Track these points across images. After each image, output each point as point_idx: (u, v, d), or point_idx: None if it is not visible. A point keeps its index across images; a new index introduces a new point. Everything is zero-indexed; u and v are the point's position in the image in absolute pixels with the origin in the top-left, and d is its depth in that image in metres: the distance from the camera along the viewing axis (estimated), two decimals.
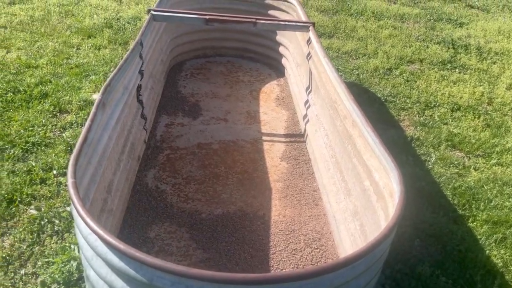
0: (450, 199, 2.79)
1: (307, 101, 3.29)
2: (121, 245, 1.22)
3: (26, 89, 3.46)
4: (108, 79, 2.13)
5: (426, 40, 5.45)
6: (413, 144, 3.33)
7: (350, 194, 2.24)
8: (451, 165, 3.12)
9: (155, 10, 3.22)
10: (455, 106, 3.92)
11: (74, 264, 2.03)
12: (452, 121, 3.71)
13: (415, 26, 5.94)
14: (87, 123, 1.78)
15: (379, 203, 1.87)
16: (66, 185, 2.54)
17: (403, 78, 4.37)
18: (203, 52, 4.41)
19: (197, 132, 3.21)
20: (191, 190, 2.63)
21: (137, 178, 2.64)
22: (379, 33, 5.50)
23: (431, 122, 3.64)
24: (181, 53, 4.21)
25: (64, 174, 2.62)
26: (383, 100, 3.93)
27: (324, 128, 2.81)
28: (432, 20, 6.22)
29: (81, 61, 4.05)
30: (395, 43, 5.22)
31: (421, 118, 3.70)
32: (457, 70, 4.70)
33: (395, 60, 4.74)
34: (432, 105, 3.91)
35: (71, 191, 1.40)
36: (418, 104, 3.91)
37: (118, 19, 5.17)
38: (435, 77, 4.45)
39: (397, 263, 2.26)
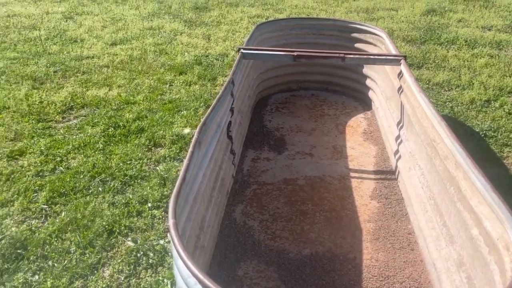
0: None
1: (398, 136, 3.14)
2: None
3: (125, 124, 3.72)
4: (203, 119, 2.21)
5: None
6: None
7: (454, 242, 2.05)
8: None
9: (244, 49, 3.33)
10: None
11: None
12: None
13: None
14: (185, 162, 1.84)
15: (491, 256, 1.68)
16: (159, 218, 2.65)
17: (505, 111, 4.01)
18: (288, 86, 4.45)
19: (283, 167, 3.19)
20: (278, 227, 2.59)
21: (225, 213, 2.67)
22: (473, 62, 5.16)
23: None
24: (267, 87, 4.29)
25: (158, 207, 2.74)
26: (482, 135, 3.63)
27: (420, 166, 2.64)
28: None
29: (174, 96, 4.29)
30: (492, 73, 4.85)
31: None
32: None
33: (493, 91, 4.39)
34: None
35: (173, 232, 1.43)
36: None
37: (207, 56, 5.44)
38: None
39: None
